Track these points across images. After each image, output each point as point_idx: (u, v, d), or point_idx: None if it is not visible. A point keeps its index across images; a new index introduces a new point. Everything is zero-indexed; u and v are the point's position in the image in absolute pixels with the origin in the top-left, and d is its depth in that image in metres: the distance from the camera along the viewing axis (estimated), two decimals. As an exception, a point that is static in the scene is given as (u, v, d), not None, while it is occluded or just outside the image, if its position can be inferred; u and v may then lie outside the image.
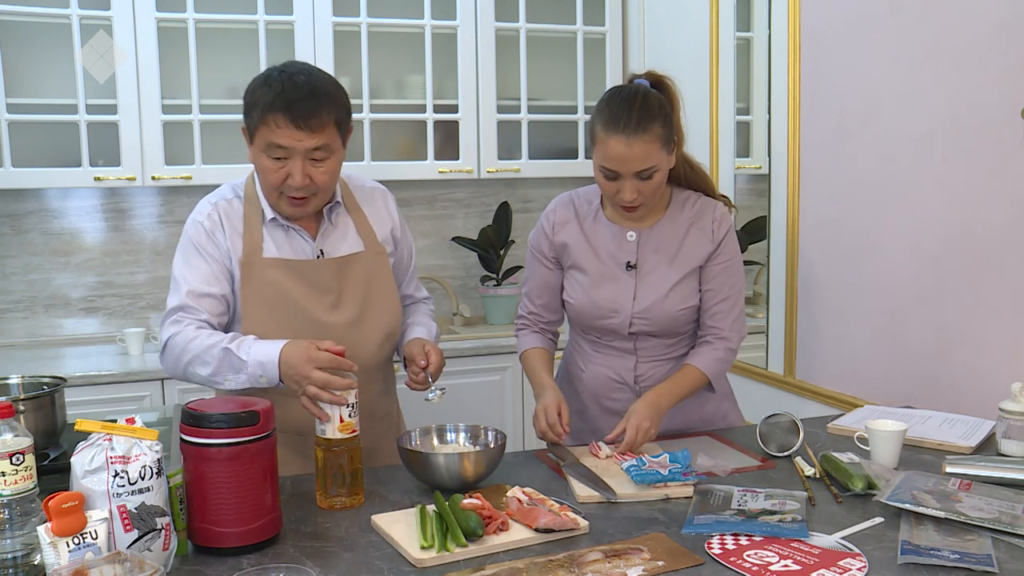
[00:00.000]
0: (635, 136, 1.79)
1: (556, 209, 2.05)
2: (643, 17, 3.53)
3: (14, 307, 3.37)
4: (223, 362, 1.71)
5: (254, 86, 1.77)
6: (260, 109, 1.73)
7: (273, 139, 1.73)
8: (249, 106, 1.77)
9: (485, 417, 3.03)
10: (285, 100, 1.71)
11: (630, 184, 1.84)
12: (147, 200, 3.48)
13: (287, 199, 1.79)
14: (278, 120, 1.71)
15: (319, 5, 3.27)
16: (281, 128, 1.71)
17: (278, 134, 1.72)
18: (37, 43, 3.23)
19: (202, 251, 1.83)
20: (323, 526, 1.50)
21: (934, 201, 2.21)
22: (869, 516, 1.51)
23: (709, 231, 1.97)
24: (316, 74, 1.78)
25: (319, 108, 1.73)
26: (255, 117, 1.74)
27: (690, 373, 1.95)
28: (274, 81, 1.74)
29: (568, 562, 1.33)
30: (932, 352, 2.24)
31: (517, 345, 2.12)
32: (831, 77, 2.53)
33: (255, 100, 1.75)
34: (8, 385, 1.96)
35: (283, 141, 1.72)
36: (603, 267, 1.98)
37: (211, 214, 1.85)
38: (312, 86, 1.74)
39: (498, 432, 1.77)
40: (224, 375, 1.72)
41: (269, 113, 1.72)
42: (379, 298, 1.91)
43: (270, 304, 1.82)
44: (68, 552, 1.18)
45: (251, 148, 1.80)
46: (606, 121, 1.82)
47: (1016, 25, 1.98)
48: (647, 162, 1.81)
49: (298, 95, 1.71)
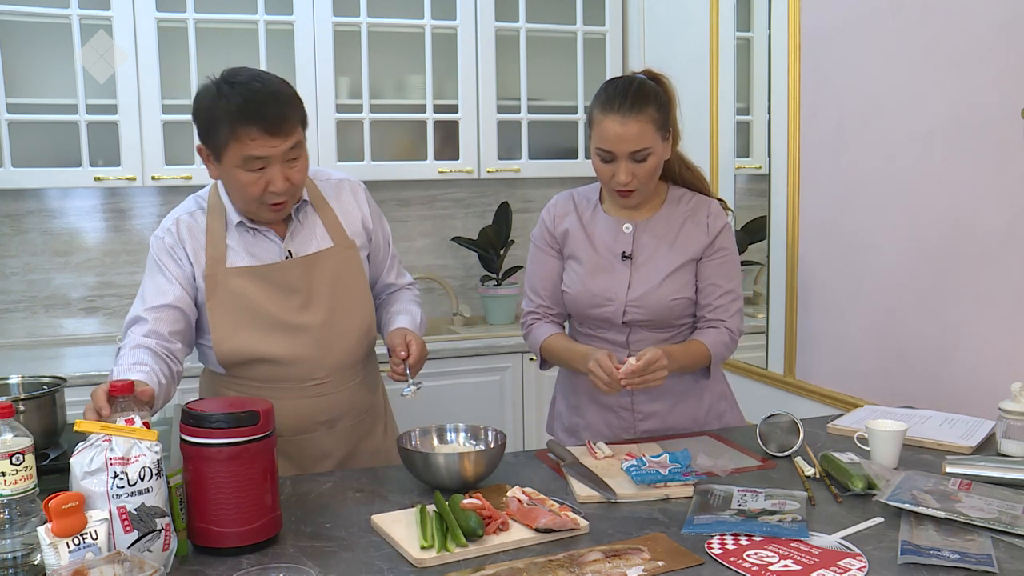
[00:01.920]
0: (630, 115, 1.85)
1: (556, 203, 2.11)
2: (643, 17, 3.53)
3: (14, 307, 3.37)
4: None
5: (207, 103, 1.71)
6: (227, 125, 1.68)
7: (249, 152, 1.69)
8: (209, 124, 1.71)
9: (485, 417, 3.03)
10: (252, 110, 1.67)
11: (625, 166, 1.88)
12: (147, 200, 3.48)
13: (268, 207, 1.77)
14: (251, 132, 1.67)
15: (319, 5, 3.27)
16: (256, 139, 1.68)
17: (253, 146, 1.68)
18: (37, 43, 3.23)
19: (161, 266, 1.83)
20: (323, 526, 1.50)
21: (934, 201, 2.21)
22: (869, 516, 1.51)
23: (704, 224, 2.01)
24: (268, 77, 1.75)
25: (285, 110, 1.71)
26: (223, 135, 1.69)
27: (695, 345, 1.97)
28: (230, 94, 1.69)
29: (568, 562, 1.33)
30: (932, 352, 2.24)
31: (531, 339, 2.10)
32: (831, 77, 2.53)
33: (216, 117, 1.69)
34: (8, 385, 1.97)
35: (260, 152, 1.69)
36: (599, 257, 2.02)
37: (170, 229, 1.85)
38: (271, 91, 1.71)
39: (498, 432, 1.77)
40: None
41: (240, 127, 1.67)
42: (350, 295, 1.90)
43: (237, 313, 1.82)
44: (68, 552, 1.18)
45: (216, 166, 1.75)
46: (603, 104, 1.90)
47: (1016, 25, 1.98)
48: (641, 142, 1.86)
49: (263, 102, 1.68)
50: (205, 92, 1.74)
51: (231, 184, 1.77)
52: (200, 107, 1.73)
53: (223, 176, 1.77)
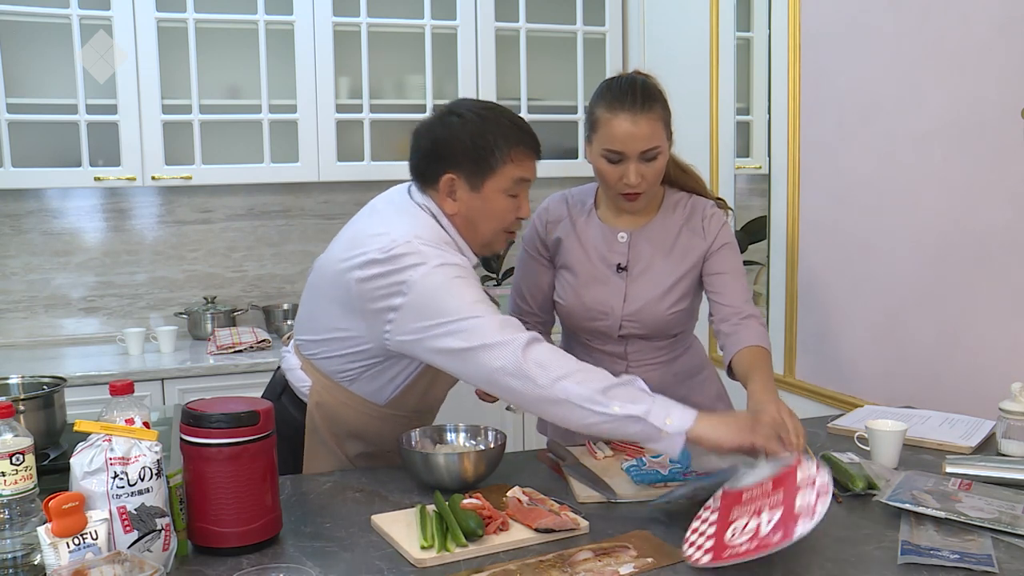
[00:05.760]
0: (641, 114, 1.79)
1: (549, 207, 2.05)
2: (643, 17, 3.53)
3: (14, 307, 3.37)
4: (616, 388, 1.51)
5: (477, 130, 1.73)
6: (503, 148, 1.73)
7: (520, 174, 1.76)
8: (479, 149, 1.73)
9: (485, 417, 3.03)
10: (523, 132, 1.77)
11: (635, 167, 1.82)
12: (147, 200, 3.48)
13: (506, 235, 1.82)
14: (527, 153, 1.76)
15: (319, 5, 3.27)
16: (528, 161, 1.77)
17: (524, 167, 1.76)
18: (37, 43, 3.23)
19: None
20: (323, 526, 1.50)
21: (934, 201, 2.21)
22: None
23: (700, 229, 1.96)
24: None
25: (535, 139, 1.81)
26: (497, 157, 1.73)
27: (756, 354, 1.81)
28: (498, 119, 1.75)
29: (559, 562, 1.33)
30: (932, 352, 2.24)
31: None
32: (831, 77, 2.53)
33: (490, 143, 1.73)
34: (8, 385, 1.96)
35: (528, 174, 1.77)
36: (593, 268, 1.97)
37: (456, 256, 1.73)
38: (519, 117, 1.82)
39: (498, 432, 1.77)
40: (612, 399, 1.50)
41: (516, 148, 1.74)
42: None
43: None
44: (68, 552, 1.18)
45: (467, 195, 1.75)
46: (610, 102, 1.82)
47: (1016, 25, 1.98)
48: (652, 141, 1.81)
49: (525, 125, 1.79)
50: (456, 121, 1.75)
51: (486, 213, 1.76)
52: (461, 134, 1.74)
53: (476, 206, 1.75)
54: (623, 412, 1.48)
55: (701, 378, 2.08)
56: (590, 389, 1.49)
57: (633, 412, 1.48)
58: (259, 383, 3.01)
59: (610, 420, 1.49)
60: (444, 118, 1.78)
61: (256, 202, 3.60)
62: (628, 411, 1.48)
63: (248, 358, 3.10)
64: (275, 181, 3.39)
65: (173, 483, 1.38)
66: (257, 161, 3.31)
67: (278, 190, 3.59)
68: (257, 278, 3.63)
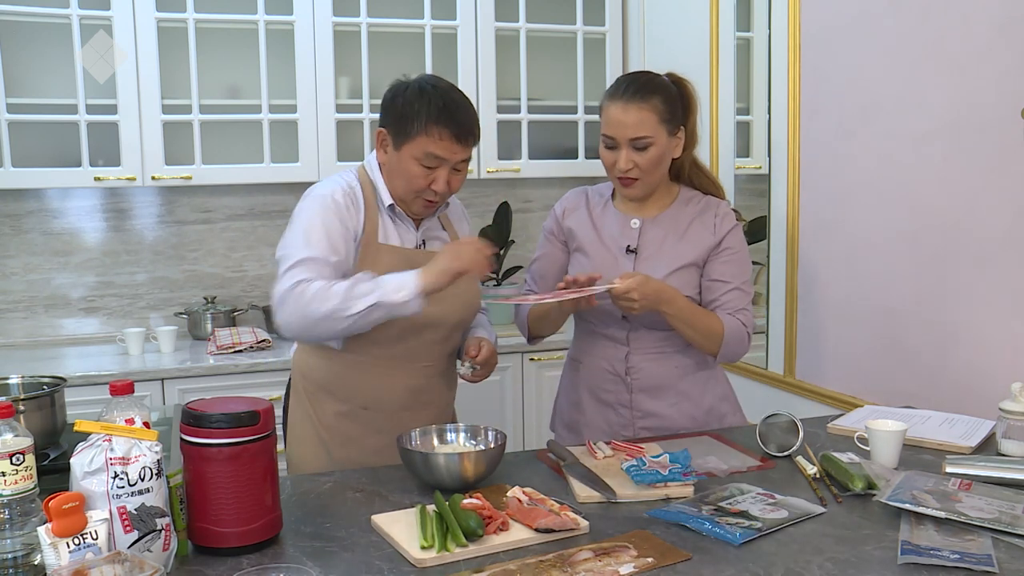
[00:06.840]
0: (631, 102, 1.92)
1: (568, 196, 2.17)
2: (643, 17, 3.53)
3: (14, 307, 3.37)
4: (350, 289, 1.78)
5: (410, 96, 1.88)
6: (423, 120, 1.85)
7: (432, 149, 1.86)
8: (404, 114, 1.88)
9: (485, 417, 3.03)
10: (450, 114, 1.86)
11: (625, 153, 1.94)
12: (147, 200, 3.48)
13: (423, 201, 1.93)
14: (442, 133, 1.85)
15: (319, 5, 3.27)
16: (444, 140, 1.86)
17: (439, 146, 1.86)
18: (37, 43, 3.23)
19: (328, 223, 1.89)
20: (323, 526, 1.50)
21: (934, 201, 2.21)
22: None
23: (711, 225, 2.04)
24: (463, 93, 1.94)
25: (474, 126, 1.91)
26: (415, 127, 1.86)
27: (710, 313, 1.99)
28: (432, 95, 1.87)
29: (559, 562, 1.33)
30: (932, 352, 2.24)
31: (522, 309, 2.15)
32: (831, 77, 2.53)
33: (414, 111, 1.86)
34: (8, 385, 1.96)
35: (442, 152, 1.87)
36: (605, 251, 2.06)
37: (344, 191, 1.94)
38: (467, 104, 1.91)
39: (498, 432, 1.77)
40: (351, 301, 1.77)
41: (435, 126, 1.85)
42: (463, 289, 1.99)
43: None
44: (68, 552, 1.18)
45: (391, 152, 1.92)
46: (611, 92, 1.97)
47: (1016, 25, 1.98)
48: (641, 130, 1.92)
49: (460, 111, 1.88)
50: (405, 86, 1.92)
51: (399, 172, 1.91)
52: (400, 97, 1.90)
53: (393, 162, 1.92)
54: (365, 305, 1.77)
55: (705, 376, 2.09)
56: (334, 303, 1.77)
57: (369, 302, 1.76)
58: (259, 383, 3.03)
59: (360, 317, 1.78)
60: (403, 83, 1.95)
61: (256, 202, 3.60)
62: (366, 303, 1.76)
63: (248, 358, 3.10)
64: (275, 181, 3.39)
65: (173, 483, 1.38)
66: (257, 161, 3.31)
67: (278, 190, 3.59)
68: (257, 278, 3.63)
